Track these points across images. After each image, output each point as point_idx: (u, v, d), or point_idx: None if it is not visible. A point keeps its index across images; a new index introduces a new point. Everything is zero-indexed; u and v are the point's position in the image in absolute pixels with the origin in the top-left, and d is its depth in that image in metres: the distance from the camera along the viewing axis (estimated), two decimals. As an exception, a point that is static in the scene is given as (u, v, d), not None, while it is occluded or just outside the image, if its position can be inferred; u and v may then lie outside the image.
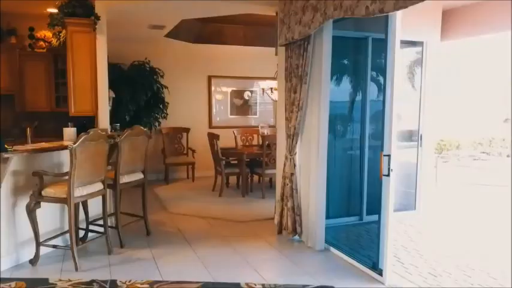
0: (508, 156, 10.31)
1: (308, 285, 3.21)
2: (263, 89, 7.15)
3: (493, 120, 10.83)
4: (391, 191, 3.27)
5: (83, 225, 4.17)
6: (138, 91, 6.73)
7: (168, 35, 6.84)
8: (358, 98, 4.87)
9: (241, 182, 6.53)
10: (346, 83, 5.00)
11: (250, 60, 8.12)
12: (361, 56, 4.82)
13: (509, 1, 4.97)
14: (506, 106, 9.43)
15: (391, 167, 3.20)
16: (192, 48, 7.76)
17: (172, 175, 7.59)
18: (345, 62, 5.06)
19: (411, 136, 5.43)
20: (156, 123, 7.28)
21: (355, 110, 4.94)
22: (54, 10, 5.91)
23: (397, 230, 4.78)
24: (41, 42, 6.62)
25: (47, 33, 6.53)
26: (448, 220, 5.50)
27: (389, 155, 3.19)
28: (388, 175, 3.22)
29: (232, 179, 7.00)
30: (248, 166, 6.46)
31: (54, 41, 6.43)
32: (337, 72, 4.85)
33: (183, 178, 7.75)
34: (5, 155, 3.33)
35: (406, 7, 2.62)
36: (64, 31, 5.10)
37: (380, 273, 3.34)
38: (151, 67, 7.13)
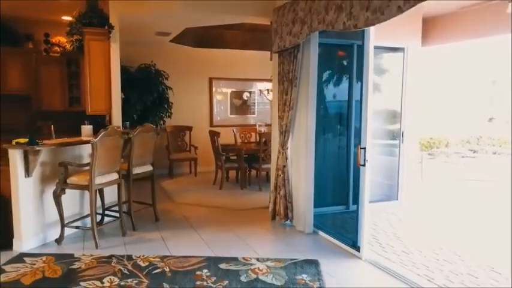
0: (494, 153, 10.85)
1: (295, 259, 3.76)
2: (260, 90, 7.69)
3: (479, 119, 11.36)
4: (367, 179, 3.81)
5: (99, 211, 4.71)
6: (145, 92, 7.25)
7: (173, 40, 7.37)
8: (345, 98, 5.40)
9: (240, 176, 7.07)
10: (335, 85, 5.55)
11: (248, 63, 8.63)
12: (347, 60, 5.36)
13: (485, 10, 5.54)
14: (490, 106, 9.96)
15: (366, 158, 3.75)
16: (194, 52, 8.29)
17: (176, 170, 8.13)
18: (334, 66, 5.60)
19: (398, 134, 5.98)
20: (161, 122, 7.79)
21: (343, 109, 5.48)
22: (68, 18, 6.49)
23: (380, 217, 5.33)
24: (56, 47, 7.16)
25: (62, 39, 7.07)
26: (429, 210, 6.03)
27: (365, 148, 3.74)
28: (364, 165, 3.77)
29: (232, 173, 7.54)
30: (246, 161, 6.99)
31: (68, 46, 6.98)
32: (326, 75, 5.40)
33: (186, 173, 8.29)
34: (37, 148, 3.89)
35: (374, 24, 3.17)
36: (77, 37, 5.64)
37: (358, 249, 3.89)
38: (157, 70, 7.65)
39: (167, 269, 3.52)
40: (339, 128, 5.60)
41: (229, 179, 7.46)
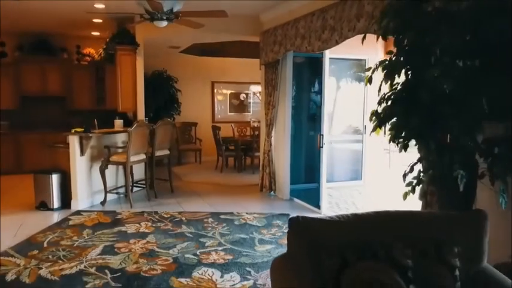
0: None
1: (274, 213, 5.32)
2: (254, 92, 9.21)
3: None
4: (325, 157, 5.37)
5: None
6: (158, 94, 8.79)
7: (182, 51, 8.93)
8: (318, 99, 6.94)
9: (237, 162, 8.63)
10: (310, 89, 7.11)
11: (244, 69, 10.12)
12: (318, 70, 6.89)
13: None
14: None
15: (324, 142, 5.30)
16: (199, 60, 9.84)
17: (183, 159, 9.68)
18: (309, 73, 7.13)
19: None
20: (172, 119, 9.31)
21: (316, 107, 7.02)
22: (97, 33, 8.07)
23: (345, 192, 6.84)
24: (86, 57, 8.72)
25: (91, 50, 8.64)
26: (386, 189, 7.56)
27: (322, 135, 5.29)
28: (322, 147, 5.32)
29: (230, 160, 9.08)
30: (242, 150, 8.54)
31: (96, 56, 8.56)
32: (304, 81, 6.94)
33: (192, 161, 9.84)
34: (89, 135, 5.45)
35: (324, 50, 4.72)
36: (102, 50, 7.18)
37: (319, 208, 5.44)
38: (168, 75, 9.18)
39: (184, 218, 5.08)
40: (313, 123, 7.14)
41: (228, 165, 9.00)
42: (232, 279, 3.40)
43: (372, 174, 7.49)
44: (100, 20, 6.94)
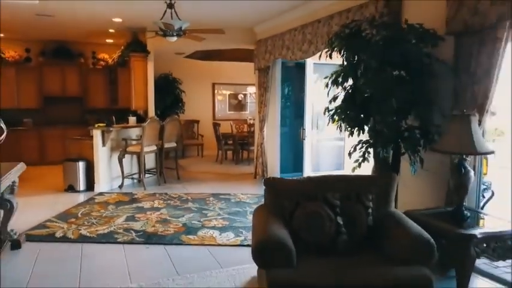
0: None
1: (264, 194, 6.37)
2: (250, 93, 10.25)
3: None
4: (307, 147, 6.45)
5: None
6: (165, 94, 9.84)
7: (186, 57, 9.99)
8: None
9: (234, 155, 9.69)
10: (296, 90, 8.14)
11: (242, 72, 11.11)
12: (303, 74, 7.93)
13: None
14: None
15: (306, 135, 6.36)
16: (201, 64, 10.89)
17: (187, 153, 10.73)
18: (297, 77, 8.15)
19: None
20: (177, 116, 10.37)
21: (301, 106, 8.05)
22: (111, 40, 9.12)
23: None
24: (100, 62, 9.77)
25: (105, 56, 9.69)
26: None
27: (304, 129, 6.35)
28: (304, 139, 6.38)
29: (229, 154, 10.14)
30: (239, 145, 9.60)
31: (109, 61, 9.62)
32: (291, 84, 7.98)
33: (194, 155, 10.89)
34: (110, 129, 6.52)
35: (304, 59, 5.78)
36: (117, 56, 8.24)
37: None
38: (174, 77, 10.25)
39: (189, 198, 6.14)
40: (300, 120, 8.16)
41: (227, 157, 10.06)
42: (228, 236, 4.46)
43: (350, 164, 8.54)
44: (115, 31, 7.99)
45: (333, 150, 8.74)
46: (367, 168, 3.95)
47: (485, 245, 2.77)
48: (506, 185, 4.85)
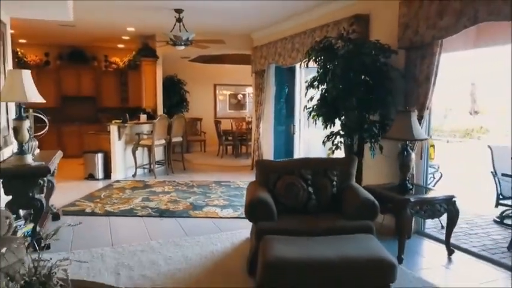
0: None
1: (259, 181, 7.32)
2: (249, 93, 11.19)
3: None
4: (297, 141, 7.37)
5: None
6: (171, 94, 10.79)
7: (190, 60, 10.95)
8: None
9: (234, 150, 10.64)
10: (289, 91, 9.07)
11: (241, 74, 12.03)
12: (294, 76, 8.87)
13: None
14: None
15: (295, 130, 7.30)
16: (204, 67, 11.84)
17: (190, 148, 11.67)
18: (287, 80, 9.08)
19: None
20: (182, 114, 11.32)
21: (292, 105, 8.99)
22: (122, 45, 10.07)
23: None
24: (112, 65, 10.73)
25: (117, 59, 10.65)
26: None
27: (294, 125, 7.30)
28: (294, 134, 7.33)
29: (229, 149, 11.09)
30: (239, 141, 10.56)
31: (120, 64, 10.58)
32: (284, 85, 8.92)
33: (198, 150, 11.84)
34: (125, 125, 7.48)
35: (294, 64, 6.72)
36: (129, 60, 9.18)
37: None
38: (179, 79, 11.20)
39: (194, 184, 7.10)
40: (292, 117, 9.10)
41: (227, 152, 11.02)
42: (228, 211, 5.42)
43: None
44: (127, 37, 8.95)
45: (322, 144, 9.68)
46: (342, 155, 4.89)
47: (418, 207, 3.71)
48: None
